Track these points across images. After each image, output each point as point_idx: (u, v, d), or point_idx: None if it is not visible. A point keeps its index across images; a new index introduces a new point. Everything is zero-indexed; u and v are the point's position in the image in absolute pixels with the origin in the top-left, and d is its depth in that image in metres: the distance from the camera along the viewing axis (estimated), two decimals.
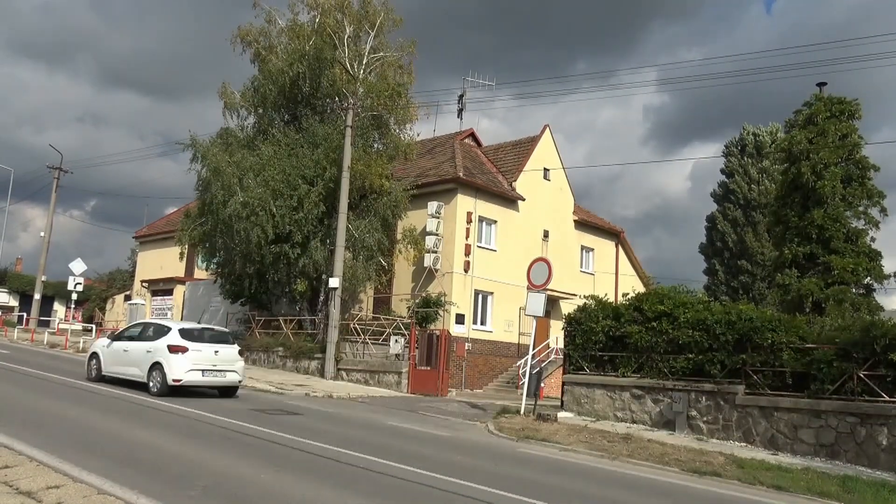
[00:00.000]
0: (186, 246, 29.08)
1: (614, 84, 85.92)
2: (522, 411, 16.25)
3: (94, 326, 35.93)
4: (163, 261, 38.85)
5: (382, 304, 27.29)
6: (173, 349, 14.60)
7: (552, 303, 27.68)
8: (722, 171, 45.72)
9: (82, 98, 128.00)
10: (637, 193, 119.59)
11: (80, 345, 27.04)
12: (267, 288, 26.28)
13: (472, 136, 33.03)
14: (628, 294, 17.44)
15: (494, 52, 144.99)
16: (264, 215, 23.68)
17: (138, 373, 15.04)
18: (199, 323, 20.10)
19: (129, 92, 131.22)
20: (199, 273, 36.18)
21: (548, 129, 30.81)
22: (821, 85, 21.88)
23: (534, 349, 18.42)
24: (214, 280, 29.32)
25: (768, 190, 39.02)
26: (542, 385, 20.15)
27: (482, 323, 27.24)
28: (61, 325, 37.83)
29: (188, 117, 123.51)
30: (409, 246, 25.80)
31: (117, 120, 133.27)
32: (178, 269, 37.58)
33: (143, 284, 40.04)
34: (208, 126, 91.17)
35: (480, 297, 27.20)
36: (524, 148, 30.64)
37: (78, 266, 33.64)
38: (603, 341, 16.63)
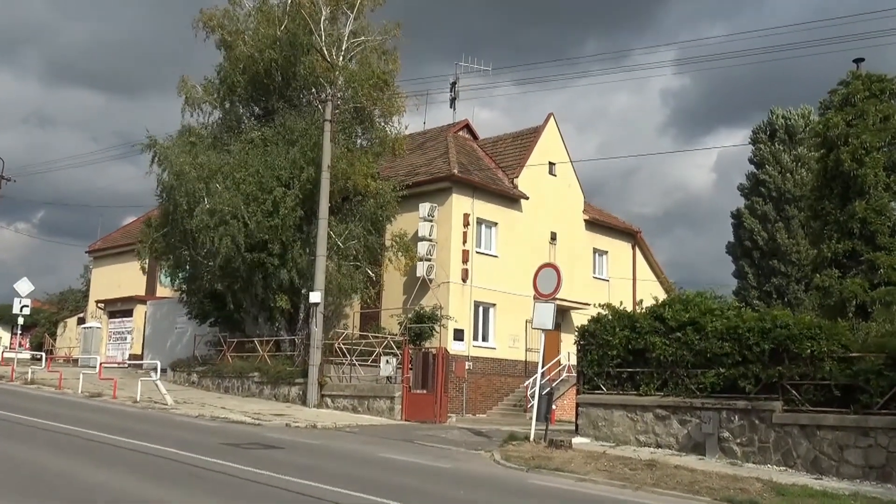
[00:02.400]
0: (147, 260, 29.01)
1: (628, 66, 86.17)
2: (532, 437, 16.20)
3: (43, 354, 35.70)
4: (121, 278, 38.71)
5: (371, 320, 27.24)
6: None
7: (562, 314, 27.65)
8: (750, 161, 45.74)
9: (27, 96, 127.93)
10: (656, 188, 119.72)
11: (29, 376, 26.88)
12: (240, 305, 26.21)
13: (468, 127, 33.07)
14: (642, 300, 17.39)
15: (493, 32, 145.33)
16: (235, 224, 23.64)
17: None
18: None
19: (82, 88, 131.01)
20: (163, 291, 36.05)
21: (552, 118, 30.87)
22: (858, 61, 21.89)
23: (543, 367, 18.38)
24: (180, 298, 29.20)
25: (803, 180, 39.07)
26: (554, 407, 20.10)
27: (484, 339, 27.21)
28: (6, 354, 37.58)
29: (149, 116, 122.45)
30: (400, 254, 25.78)
31: (68, 120, 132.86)
32: (139, 287, 37.48)
33: (99, 305, 39.89)
34: (172, 125, 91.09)
35: (481, 309, 27.18)
36: (526, 140, 30.68)
37: (24, 286, 33.42)
38: (621, 356, 16.60)
